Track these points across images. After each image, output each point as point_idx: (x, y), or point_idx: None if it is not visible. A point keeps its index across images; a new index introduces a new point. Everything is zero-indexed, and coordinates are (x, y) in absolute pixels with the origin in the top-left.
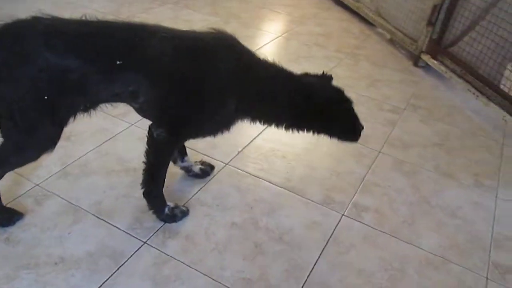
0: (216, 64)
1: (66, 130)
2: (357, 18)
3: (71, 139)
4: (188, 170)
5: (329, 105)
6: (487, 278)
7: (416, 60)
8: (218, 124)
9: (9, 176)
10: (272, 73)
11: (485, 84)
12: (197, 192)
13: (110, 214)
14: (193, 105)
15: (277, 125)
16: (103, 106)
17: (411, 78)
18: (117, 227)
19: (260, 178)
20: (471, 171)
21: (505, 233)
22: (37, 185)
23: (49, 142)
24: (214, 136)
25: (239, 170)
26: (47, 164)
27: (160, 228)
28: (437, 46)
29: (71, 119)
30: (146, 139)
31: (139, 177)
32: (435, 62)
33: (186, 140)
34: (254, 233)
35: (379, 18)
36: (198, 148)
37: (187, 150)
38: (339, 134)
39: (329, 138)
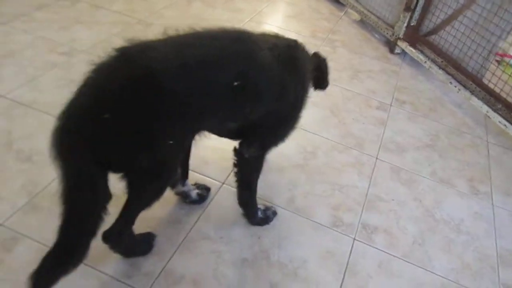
0: (304, 71)
1: (25, 149)
2: None
3: (33, 160)
4: (186, 196)
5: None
6: None
7: (392, 47)
8: (300, 117)
9: None
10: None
11: (468, 78)
12: (196, 222)
13: (98, 259)
14: (290, 116)
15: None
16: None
17: (390, 67)
18: (109, 275)
19: (261, 198)
20: (465, 176)
21: (508, 247)
22: (1, 225)
23: (173, 172)
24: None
25: (234, 189)
26: (8, 196)
27: (160, 273)
28: (415, 34)
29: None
30: (234, 163)
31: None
32: (413, 50)
33: None
34: (268, 271)
35: None
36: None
37: None
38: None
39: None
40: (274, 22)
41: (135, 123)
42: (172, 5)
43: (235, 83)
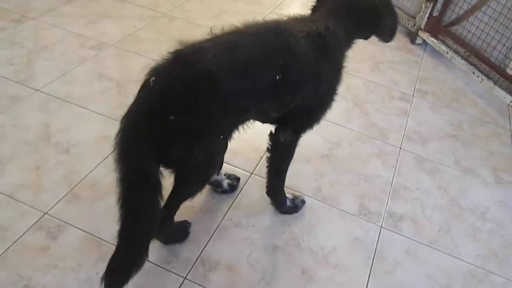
0: (337, 56)
1: (63, 141)
2: None
3: (71, 152)
4: (218, 185)
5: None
6: None
7: (413, 38)
8: (332, 102)
9: (6, 205)
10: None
11: (491, 68)
12: (228, 211)
13: None
14: (325, 100)
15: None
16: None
17: (411, 58)
18: (151, 262)
19: (289, 188)
20: (489, 165)
21: None
22: (46, 213)
23: (218, 164)
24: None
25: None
26: (50, 187)
27: (197, 259)
28: (437, 24)
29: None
30: (268, 147)
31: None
32: (435, 41)
33: None
34: (299, 257)
35: None
36: None
37: None
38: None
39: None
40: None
41: (196, 122)
42: None
43: (278, 77)
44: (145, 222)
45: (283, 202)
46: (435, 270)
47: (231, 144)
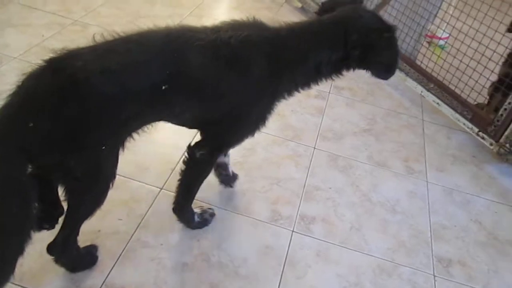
0: (253, 70)
1: None
2: None
3: None
4: (224, 168)
5: (371, 36)
6: (434, 275)
7: None
8: (259, 122)
9: None
10: (304, 34)
11: (402, 60)
12: (135, 231)
13: (35, 278)
14: (241, 119)
15: (322, 79)
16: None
17: None
18: None
19: (199, 200)
20: (401, 157)
21: (441, 221)
22: None
23: (111, 177)
24: (253, 136)
25: None
26: None
27: (101, 287)
28: None
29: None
30: (184, 160)
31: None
32: None
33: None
34: (208, 272)
35: None
36: (125, 173)
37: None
38: (377, 67)
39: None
40: (214, 15)
41: (61, 129)
42: (109, 2)
43: (163, 87)
44: (11, 234)
45: (190, 218)
46: (345, 269)
47: (139, 158)
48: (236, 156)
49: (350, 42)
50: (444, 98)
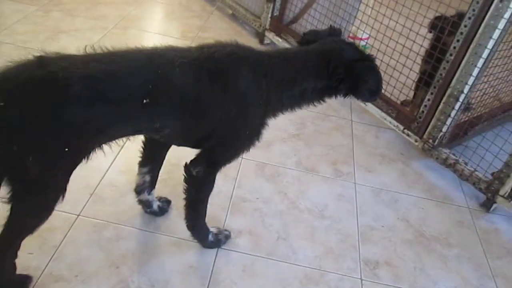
0: (239, 83)
1: None
2: None
3: None
4: (148, 205)
5: (355, 66)
6: (361, 279)
7: (261, 38)
8: (253, 136)
9: None
10: (295, 58)
11: None
12: (48, 264)
13: None
14: (230, 136)
15: (304, 104)
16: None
17: None
18: None
19: (121, 224)
20: (329, 160)
21: (369, 223)
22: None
23: (63, 189)
24: (249, 150)
25: (95, 220)
26: None
27: None
28: (279, 23)
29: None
30: (183, 179)
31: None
32: (280, 39)
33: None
34: None
35: None
36: None
37: None
38: (365, 93)
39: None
40: (141, 26)
41: (29, 118)
42: (26, 18)
43: (144, 101)
44: None
45: (204, 237)
46: (271, 283)
47: None
48: (161, 173)
49: (336, 74)
50: None
